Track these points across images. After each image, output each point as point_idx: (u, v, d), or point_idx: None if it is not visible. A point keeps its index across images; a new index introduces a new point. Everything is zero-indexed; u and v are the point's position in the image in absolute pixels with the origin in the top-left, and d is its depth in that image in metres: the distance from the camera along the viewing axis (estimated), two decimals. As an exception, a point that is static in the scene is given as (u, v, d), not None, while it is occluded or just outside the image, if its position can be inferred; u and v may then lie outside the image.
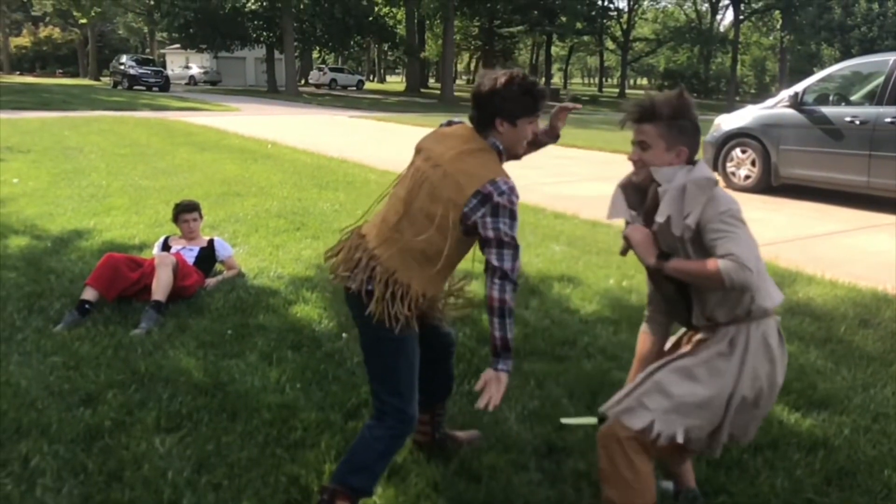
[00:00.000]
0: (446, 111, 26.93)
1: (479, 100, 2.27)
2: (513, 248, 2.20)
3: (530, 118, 2.26)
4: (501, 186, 2.16)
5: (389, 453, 2.36)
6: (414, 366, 2.34)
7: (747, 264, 1.93)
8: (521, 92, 2.21)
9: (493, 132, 2.25)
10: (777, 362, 2.15)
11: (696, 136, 2.14)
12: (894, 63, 8.26)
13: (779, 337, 2.18)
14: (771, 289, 2.13)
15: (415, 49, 45.36)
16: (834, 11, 41.29)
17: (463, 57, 71.02)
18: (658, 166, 2.12)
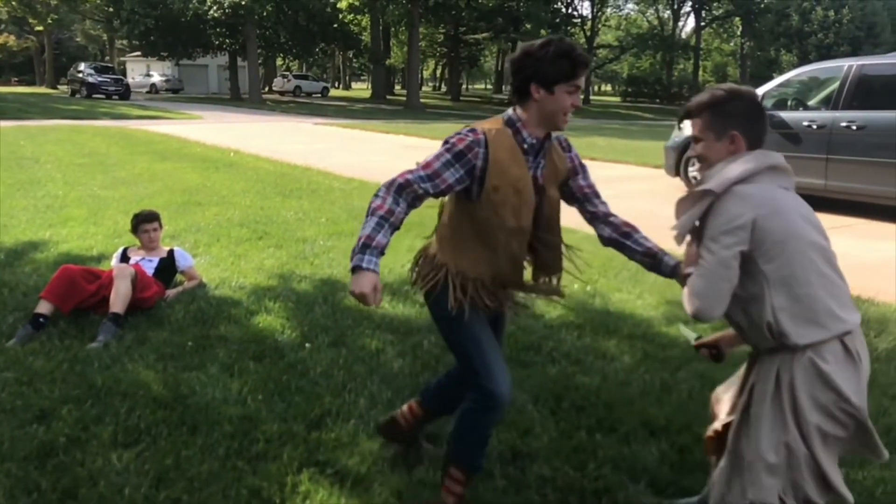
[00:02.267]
0: (412, 118, 26.97)
1: (513, 65, 2.18)
2: (420, 168, 2.17)
3: (568, 85, 2.12)
4: (464, 130, 2.20)
5: (478, 427, 2.33)
6: (481, 343, 2.29)
7: (696, 299, 1.92)
8: (558, 54, 2.10)
9: (528, 102, 2.16)
10: (839, 385, 1.91)
11: (750, 119, 2.04)
12: (849, 69, 8.46)
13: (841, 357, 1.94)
14: (801, 325, 1.90)
15: (380, 56, 45.34)
16: (792, 18, 42.20)
17: (429, 64, 71.15)
18: (712, 159, 2.05)
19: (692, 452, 2.86)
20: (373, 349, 3.86)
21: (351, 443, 2.91)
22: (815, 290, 1.90)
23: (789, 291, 1.90)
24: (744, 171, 1.95)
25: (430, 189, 2.17)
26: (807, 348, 1.90)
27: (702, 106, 2.06)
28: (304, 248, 5.90)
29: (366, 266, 2.05)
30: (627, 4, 59.51)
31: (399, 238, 6.22)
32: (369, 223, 2.10)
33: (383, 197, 2.14)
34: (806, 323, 1.90)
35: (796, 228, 1.93)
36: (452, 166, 2.16)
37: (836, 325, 1.91)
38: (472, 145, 2.15)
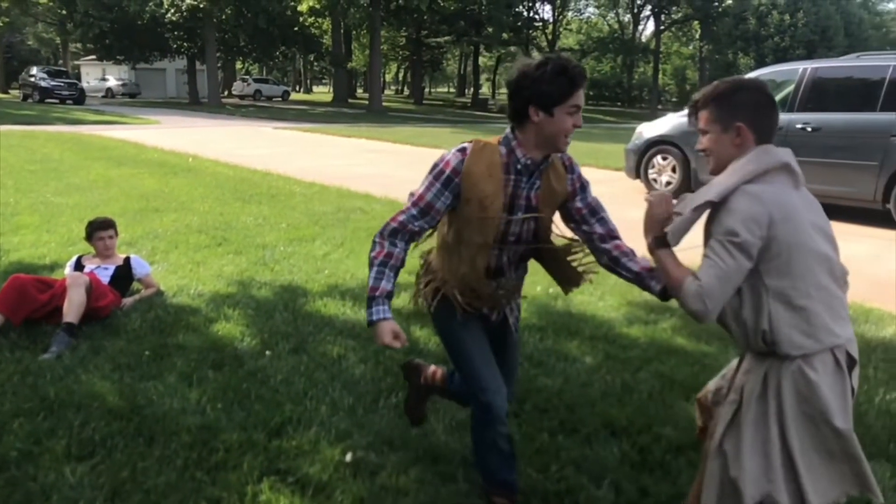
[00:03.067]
0: (374, 121, 26.91)
1: (510, 87, 2.12)
2: (411, 206, 2.19)
3: (568, 106, 2.05)
4: (453, 149, 2.19)
5: (486, 439, 2.34)
6: (472, 356, 2.30)
7: (706, 300, 1.85)
8: (555, 72, 2.02)
9: (527, 125, 2.10)
10: (824, 396, 1.88)
11: (758, 111, 1.97)
12: (804, 72, 8.66)
13: (831, 368, 1.90)
14: (796, 337, 1.87)
15: (341, 59, 45.14)
16: (749, 22, 43.08)
17: (391, 67, 71.06)
18: (718, 152, 2.00)
19: (652, 452, 2.89)
20: (334, 355, 3.82)
21: (312, 450, 2.89)
22: (814, 304, 1.87)
23: (787, 302, 1.86)
24: (745, 173, 1.90)
25: (426, 225, 2.20)
26: (797, 357, 1.88)
27: (708, 97, 2.01)
28: (265, 255, 5.83)
29: (377, 318, 2.13)
30: (588, 8, 60.13)
31: (361, 243, 6.27)
32: (371, 274, 2.16)
33: (380, 243, 2.19)
34: (800, 334, 1.87)
35: (804, 238, 1.87)
36: (442, 194, 2.17)
37: (828, 338, 1.89)
38: (457, 167, 2.15)
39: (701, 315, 1.88)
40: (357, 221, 7.24)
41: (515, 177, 2.18)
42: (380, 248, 2.18)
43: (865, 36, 44.88)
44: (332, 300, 4.69)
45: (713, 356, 3.95)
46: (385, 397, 3.35)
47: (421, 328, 4.23)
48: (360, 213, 7.65)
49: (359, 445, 2.92)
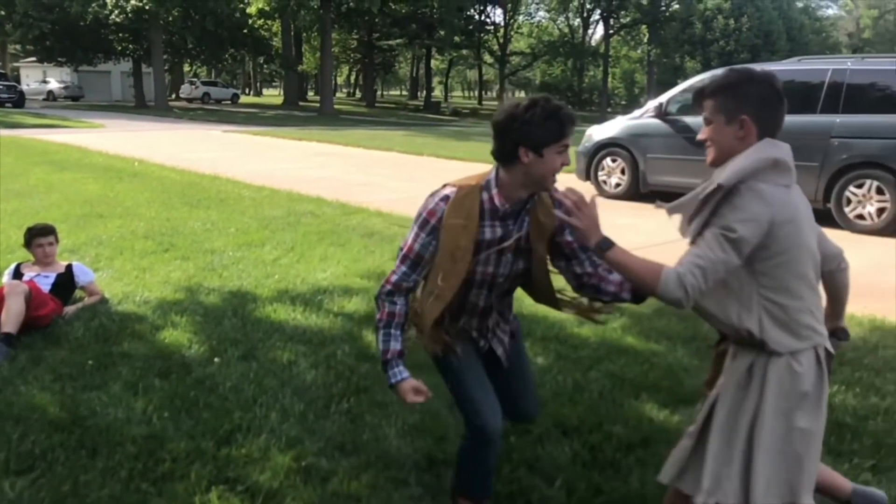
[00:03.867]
0: (326, 124, 26.71)
1: (498, 128, 2.09)
2: (401, 263, 2.20)
3: (558, 146, 2.05)
4: (440, 191, 2.17)
5: (477, 461, 2.36)
6: (465, 380, 2.31)
7: (688, 288, 1.81)
8: (545, 115, 2.02)
9: (515, 165, 2.07)
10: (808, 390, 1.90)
11: (764, 104, 1.92)
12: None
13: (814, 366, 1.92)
14: (785, 337, 1.88)
15: (292, 62, 44.72)
16: (695, 26, 44.14)
17: (342, 70, 70.69)
18: (721, 142, 1.94)
19: (604, 451, 2.92)
20: (285, 361, 3.77)
21: (262, 457, 2.84)
22: (804, 304, 1.88)
23: (779, 304, 1.86)
24: (754, 161, 1.85)
25: (419, 277, 2.21)
26: (785, 353, 1.89)
27: (715, 87, 1.96)
28: (213, 260, 5.73)
29: (396, 381, 2.19)
30: (539, 12, 60.55)
31: (312, 247, 6.21)
32: (379, 338, 2.21)
33: (380, 307, 2.22)
34: (789, 335, 1.88)
35: (804, 240, 1.88)
36: (430, 244, 2.16)
37: (815, 337, 1.91)
38: (441, 216, 2.13)
39: (681, 303, 1.84)
40: (307, 225, 7.17)
41: (501, 222, 2.16)
42: (380, 311, 2.21)
43: (806, 40, 46.40)
44: (282, 305, 4.63)
45: (662, 354, 4.02)
46: (336, 402, 3.32)
47: (373, 332, 4.18)
48: (310, 217, 7.58)
49: (310, 452, 2.89)
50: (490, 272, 2.22)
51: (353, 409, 3.27)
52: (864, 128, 7.59)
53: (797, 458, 1.92)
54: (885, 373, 3.83)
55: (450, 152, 15.80)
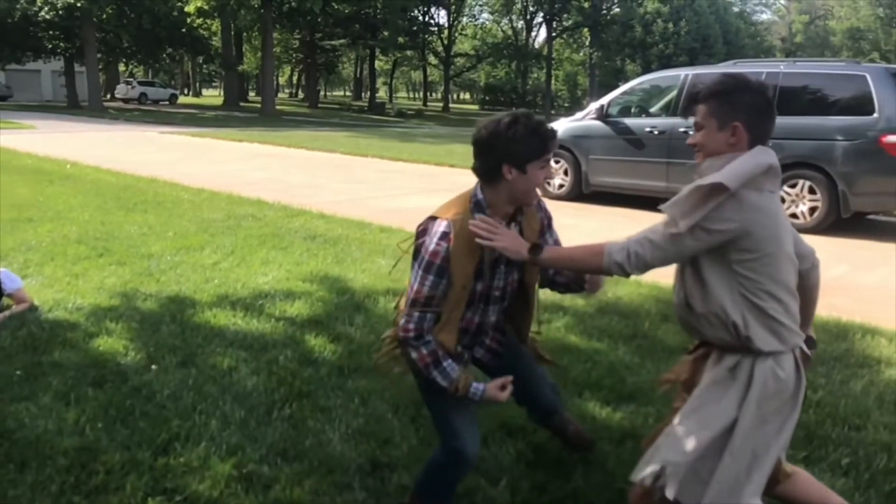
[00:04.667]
0: (267, 125, 26.33)
1: (480, 146, 2.11)
2: (413, 309, 2.15)
3: (540, 161, 2.09)
4: (434, 227, 2.13)
5: (444, 480, 2.34)
6: (444, 402, 2.26)
7: (630, 253, 1.94)
8: (528, 132, 2.05)
9: (499, 182, 2.10)
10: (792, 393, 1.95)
11: (756, 112, 1.94)
12: (685, 78, 9.10)
13: (794, 369, 1.97)
14: (769, 337, 1.91)
15: (232, 62, 43.92)
16: (636, 30, 44.96)
17: (284, 70, 69.80)
18: (711, 148, 1.97)
19: (547, 450, 2.94)
20: (225, 367, 3.68)
21: (202, 466, 2.77)
22: (783, 308, 1.92)
23: (759, 304, 1.90)
24: (754, 167, 1.87)
25: (434, 315, 2.17)
26: (769, 355, 1.92)
27: (709, 92, 1.98)
28: (150, 265, 5.56)
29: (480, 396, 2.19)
30: (482, 14, 60.90)
31: (253, 250, 6.10)
32: (437, 378, 2.17)
33: (416, 353, 2.17)
34: (771, 334, 1.91)
35: (782, 245, 1.91)
36: (440, 284, 2.13)
37: (792, 339, 1.95)
38: (446, 255, 2.11)
39: (622, 267, 1.95)
40: (248, 228, 7.04)
41: None
42: (419, 355, 2.16)
43: (742, 44, 47.76)
44: (221, 310, 4.52)
45: (604, 353, 4.07)
46: (278, 408, 3.26)
47: (315, 336, 4.15)
48: (251, 220, 7.44)
49: (251, 459, 2.83)
50: (486, 286, 2.24)
51: (295, 414, 3.22)
52: (796, 129, 7.85)
53: (755, 459, 1.95)
54: (817, 367, 3.95)
55: (394, 153, 15.76)
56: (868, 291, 5.44)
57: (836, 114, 7.73)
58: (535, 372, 2.61)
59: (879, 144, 7.31)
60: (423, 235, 2.20)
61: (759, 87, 1.97)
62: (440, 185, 11.10)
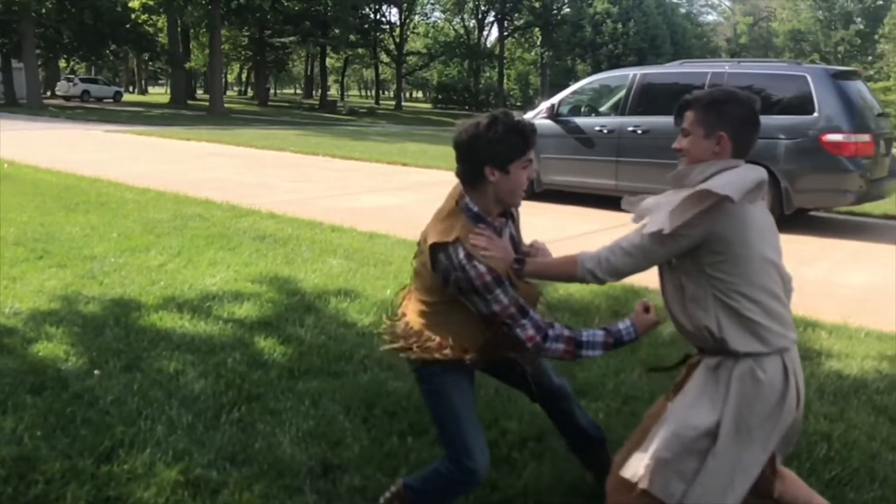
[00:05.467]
0: (216, 124, 25.88)
1: (462, 150, 2.10)
2: (519, 319, 2.11)
3: (522, 161, 2.09)
4: (455, 257, 2.06)
5: (443, 492, 2.27)
6: (459, 416, 2.21)
7: (602, 261, 2.02)
8: (507, 130, 2.05)
9: (484, 185, 2.10)
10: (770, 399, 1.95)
11: (743, 123, 2.01)
12: (633, 77, 9.24)
13: (780, 374, 1.96)
14: (743, 338, 1.93)
15: (179, 59, 42.94)
16: (585, 30, 45.61)
17: (233, 67, 68.60)
18: (695, 155, 2.03)
19: (499, 447, 2.94)
20: (171, 371, 3.60)
21: (147, 473, 2.70)
22: (761, 309, 1.93)
23: (733, 306, 1.92)
24: (752, 182, 1.92)
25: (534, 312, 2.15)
26: (748, 357, 1.93)
27: (699, 100, 2.04)
28: (93, 267, 5.40)
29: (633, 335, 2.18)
30: (434, 13, 60.85)
31: (200, 251, 5.99)
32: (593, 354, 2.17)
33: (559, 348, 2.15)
34: (749, 335, 1.93)
35: (754, 249, 1.93)
36: (509, 289, 2.10)
37: (778, 342, 1.95)
38: (488, 268, 2.07)
39: (594, 273, 2.04)
40: (196, 229, 6.89)
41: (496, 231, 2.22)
42: (559, 350, 2.15)
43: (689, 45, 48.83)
44: (168, 313, 4.42)
45: (555, 349, 4.10)
46: (227, 412, 3.20)
47: (265, 338, 4.08)
48: (199, 220, 7.29)
49: (199, 464, 2.77)
50: None
51: (244, 417, 3.16)
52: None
53: (740, 466, 1.96)
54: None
55: (346, 152, 15.65)
56: (809, 286, 5.60)
57: (779, 113, 7.93)
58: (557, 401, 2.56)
59: (819, 143, 7.54)
60: (450, 270, 2.10)
61: (748, 100, 2.03)
62: (393, 184, 11.05)
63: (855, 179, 7.59)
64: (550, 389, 2.52)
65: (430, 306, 2.23)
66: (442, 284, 2.14)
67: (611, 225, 7.76)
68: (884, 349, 4.25)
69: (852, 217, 8.97)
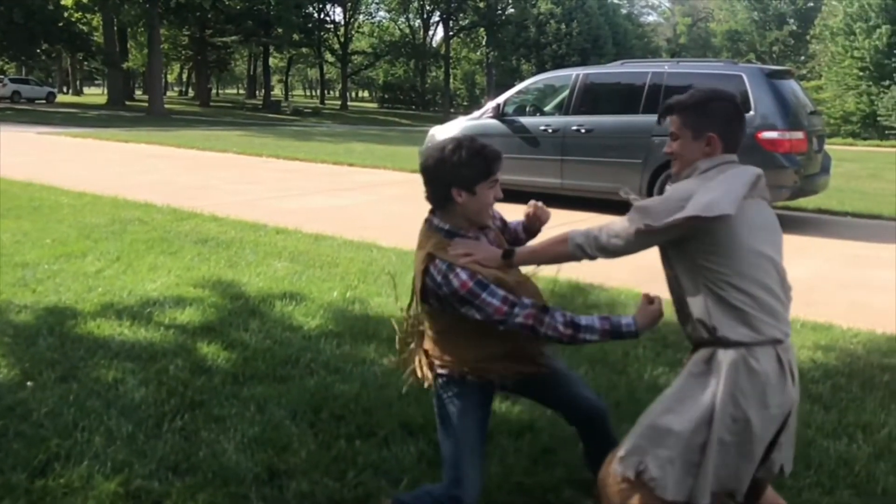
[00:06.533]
0: (156, 125, 25.27)
1: (428, 175, 2.18)
2: (509, 315, 2.12)
3: (488, 182, 2.16)
4: (435, 272, 2.12)
5: None
6: (464, 442, 2.23)
7: (589, 236, 2.05)
8: (471, 154, 2.12)
9: (451, 206, 2.17)
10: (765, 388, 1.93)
11: (731, 122, 2.04)
12: (577, 77, 9.36)
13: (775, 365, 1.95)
14: (735, 325, 1.93)
15: (116, 59, 41.75)
16: (530, 30, 46.07)
17: (174, 67, 67.07)
18: (687, 157, 2.06)
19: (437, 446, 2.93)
20: (110, 380, 3.48)
21: (84, 486, 2.61)
22: (752, 301, 1.93)
23: (722, 295, 1.93)
24: (744, 185, 1.97)
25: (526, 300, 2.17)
26: (740, 346, 1.92)
27: (683, 103, 2.06)
28: (25, 274, 5.19)
29: (634, 327, 2.16)
30: (379, 12, 60.52)
31: (140, 256, 5.84)
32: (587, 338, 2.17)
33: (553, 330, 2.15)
34: (741, 323, 1.92)
35: (742, 241, 1.94)
36: (485, 288, 2.11)
37: (768, 331, 1.94)
38: (470, 274, 2.11)
39: (582, 248, 2.07)
40: (135, 233, 6.70)
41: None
42: (557, 330, 2.15)
43: (631, 45, 49.78)
44: (106, 320, 4.28)
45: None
46: (169, 420, 3.11)
47: (208, 344, 4.00)
48: (138, 224, 7.09)
49: (139, 475, 2.68)
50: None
51: (187, 426, 3.08)
52: (680, 127, 8.22)
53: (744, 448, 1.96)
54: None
55: (291, 153, 15.45)
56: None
57: (716, 111, 8.12)
58: (572, 380, 2.53)
59: (755, 140, 7.75)
60: (437, 289, 2.15)
61: (729, 96, 2.09)
62: (340, 185, 10.95)
63: (790, 175, 7.83)
64: (588, 412, 2.49)
65: (440, 333, 2.30)
66: (439, 309, 2.20)
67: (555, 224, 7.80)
68: (818, 339, 4.39)
69: (787, 212, 9.25)
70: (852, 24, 37.69)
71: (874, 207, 9.97)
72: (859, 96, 37.11)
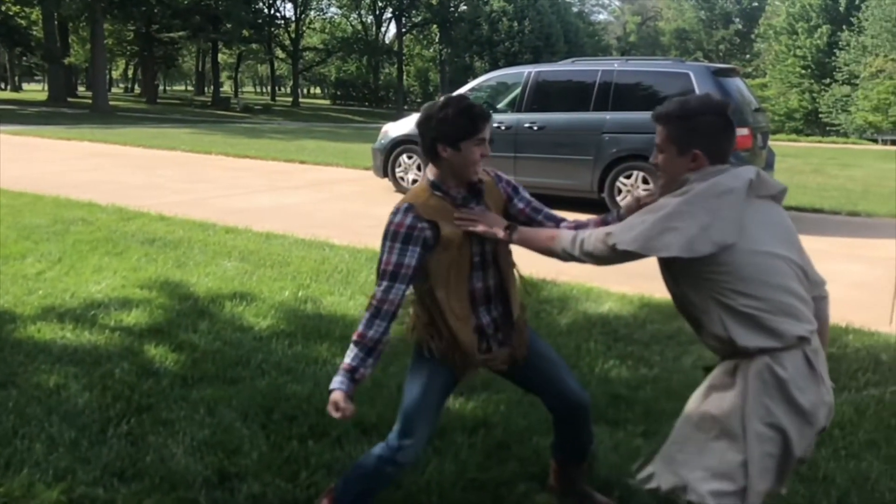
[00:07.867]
0: (100, 122, 24.57)
1: (419, 129, 2.27)
2: (382, 277, 2.19)
3: (473, 140, 2.20)
4: (396, 209, 2.21)
5: (370, 473, 2.33)
6: (419, 401, 2.30)
7: (577, 243, 2.05)
8: (456, 113, 2.19)
9: (439, 161, 2.23)
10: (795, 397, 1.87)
11: (718, 137, 1.97)
12: (528, 74, 9.41)
13: (804, 370, 1.89)
14: (752, 335, 1.87)
15: (56, 54, 40.39)
16: (482, 28, 46.15)
17: (118, 63, 65.28)
18: (672, 172, 1.99)
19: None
20: (52, 386, 3.38)
21: (25, 495, 2.54)
22: (765, 305, 1.87)
23: (730, 304, 1.88)
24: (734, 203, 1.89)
25: (402, 287, 2.20)
26: (763, 353, 1.86)
27: (670, 115, 1.99)
28: (-40, 277, 5.01)
29: (330, 388, 2.19)
30: (331, 8, 59.87)
31: (83, 257, 5.69)
32: (348, 352, 2.22)
33: (361, 325, 2.22)
34: (758, 331, 1.86)
35: (745, 240, 1.87)
36: (407, 251, 2.18)
37: (790, 330, 1.87)
38: (413, 223, 2.18)
39: (567, 252, 2.10)
40: (78, 234, 6.50)
41: (464, 207, 2.28)
42: (360, 328, 2.22)
43: (582, 43, 50.25)
44: (47, 324, 4.15)
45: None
46: (114, 425, 3.03)
47: (156, 346, 3.90)
48: (81, 224, 6.88)
49: (83, 482, 2.62)
50: (475, 250, 2.28)
51: (134, 430, 3.01)
52: (630, 124, 8.32)
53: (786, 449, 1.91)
54: (653, 345, 4.22)
55: (241, 150, 15.20)
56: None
57: (664, 108, 8.26)
58: (559, 369, 2.52)
59: (702, 137, 7.91)
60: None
61: (718, 107, 2.00)
62: (291, 183, 10.82)
63: (735, 171, 8.01)
64: (569, 402, 2.48)
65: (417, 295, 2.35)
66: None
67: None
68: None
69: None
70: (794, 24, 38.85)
71: (816, 202, 10.29)
72: (802, 94, 38.29)
